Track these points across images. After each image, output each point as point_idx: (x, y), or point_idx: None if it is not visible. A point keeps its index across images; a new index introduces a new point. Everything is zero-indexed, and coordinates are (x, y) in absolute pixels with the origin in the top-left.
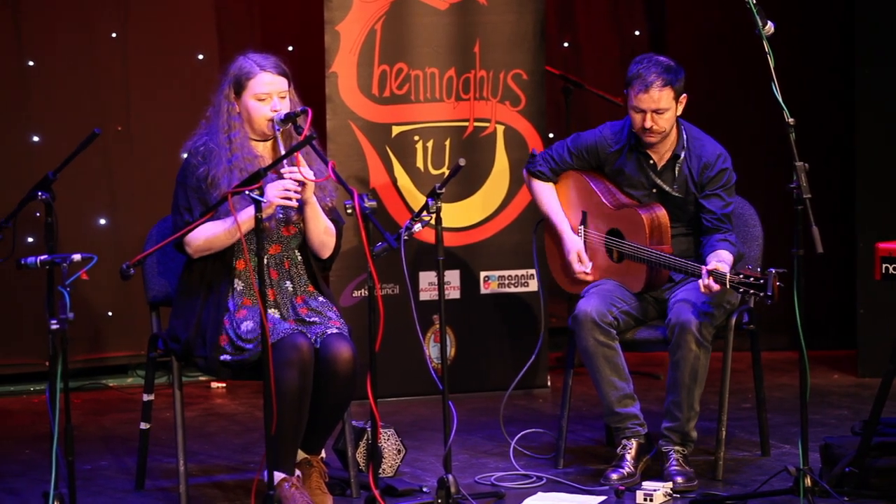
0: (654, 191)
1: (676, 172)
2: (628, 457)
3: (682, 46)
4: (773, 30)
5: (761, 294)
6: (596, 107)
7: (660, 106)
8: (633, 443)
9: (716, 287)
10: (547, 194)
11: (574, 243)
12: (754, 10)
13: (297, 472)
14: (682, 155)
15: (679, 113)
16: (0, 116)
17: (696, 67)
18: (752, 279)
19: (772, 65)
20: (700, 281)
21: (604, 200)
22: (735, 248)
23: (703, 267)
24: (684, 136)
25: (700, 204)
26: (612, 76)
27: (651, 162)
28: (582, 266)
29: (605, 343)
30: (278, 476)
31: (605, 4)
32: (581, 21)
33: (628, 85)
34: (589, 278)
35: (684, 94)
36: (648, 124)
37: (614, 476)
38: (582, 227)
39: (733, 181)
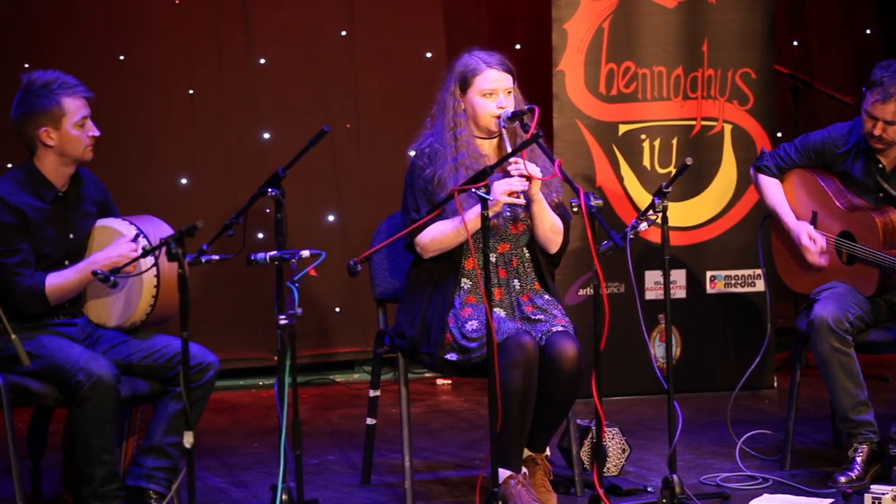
0: (881, 195)
1: None
2: (859, 460)
3: None
4: None
5: None
6: (825, 106)
7: (894, 119)
8: (865, 447)
9: None
10: (773, 190)
11: (802, 226)
12: None
13: (524, 470)
14: None
15: None
16: (232, 114)
17: None
18: None
19: None
20: None
21: (835, 201)
22: None
23: None
24: None
25: None
26: (842, 75)
27: (880, 166)
28: (814, 245)
29: (840, 350)
30: (505, 473)
31: (835, 2)
32: (811, 19)
33: (868, 87)
34: (822, 261)
35: None
36: (878, 132)
37: (842, 479)
38: (812, 226)
39: None
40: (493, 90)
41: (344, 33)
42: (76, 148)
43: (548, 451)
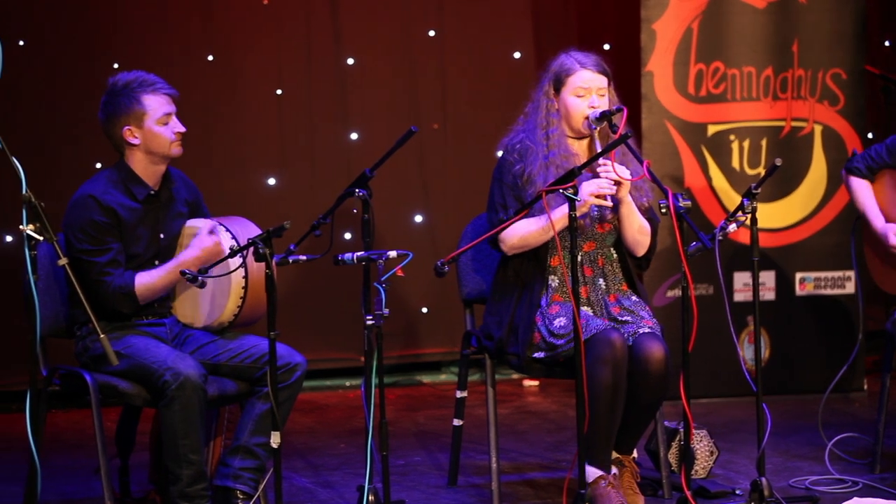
0: None
1: None
2: None
3: None
4: None
5: None
6: None
7: None
8: None
9: None
10: (862, 191)
11: (890, 227)
12: None
13: (614, 470)
14: None
15: None
16: (320, 114)
17: None
18: None
19: None
20: None
21: None
22: None
23: None
24: None
25: None
26: None
27: None
28: None
29: None
30: (594, 473)
31: None
32: None
33: None
34: None
35: None
36: None
37: None
38: None
39: None
40: (586, 90)
41: (432, 33)
42: (161, 145)
43: (635, 454)
